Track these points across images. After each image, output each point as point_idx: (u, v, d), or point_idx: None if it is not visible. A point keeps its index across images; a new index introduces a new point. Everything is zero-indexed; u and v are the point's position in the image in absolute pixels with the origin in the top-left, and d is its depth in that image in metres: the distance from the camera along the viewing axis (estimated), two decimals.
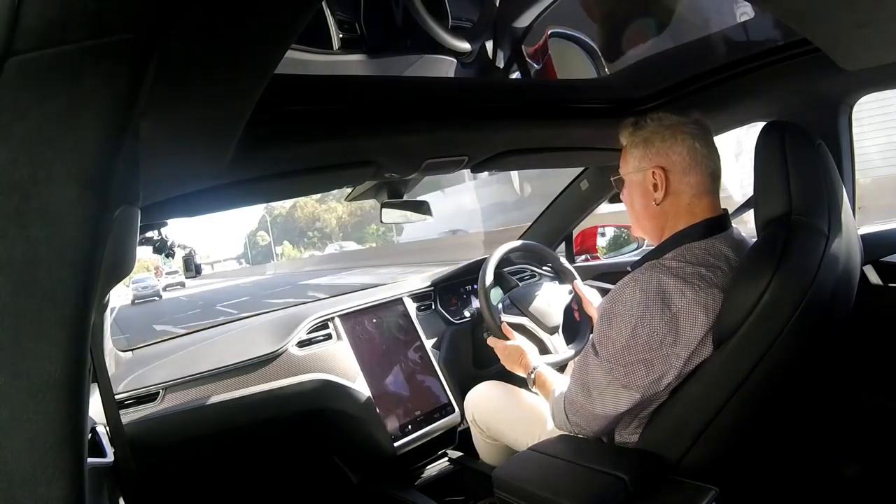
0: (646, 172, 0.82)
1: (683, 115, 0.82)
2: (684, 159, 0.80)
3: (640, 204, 0.85)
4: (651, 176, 0.81)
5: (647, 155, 0.82)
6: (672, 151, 0.80)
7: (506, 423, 1.14)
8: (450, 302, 1.60)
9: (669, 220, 0.82)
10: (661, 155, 0.81)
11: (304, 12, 0.43)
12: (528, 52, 0.96)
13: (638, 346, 0.74)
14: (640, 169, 0.83)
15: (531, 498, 0.74)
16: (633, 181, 0.85)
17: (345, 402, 1.28)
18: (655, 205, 0.82)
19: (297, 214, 40.31)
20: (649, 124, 0.82)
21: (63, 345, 0.32)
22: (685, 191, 0.81)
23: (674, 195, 0.81)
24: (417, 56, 0.87)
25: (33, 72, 0.30)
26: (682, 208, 0.81)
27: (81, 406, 0.34)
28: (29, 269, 0.31)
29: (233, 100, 0.51)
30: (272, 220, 42.87)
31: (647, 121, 0.83)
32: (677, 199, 0.81)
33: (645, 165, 0.82)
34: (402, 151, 0.96)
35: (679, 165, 0.80)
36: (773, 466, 0.81)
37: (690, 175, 0.80)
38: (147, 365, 1.21)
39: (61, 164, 0.31)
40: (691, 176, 0.80)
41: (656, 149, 0.81)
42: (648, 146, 0.81)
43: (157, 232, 1.00)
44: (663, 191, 0.81)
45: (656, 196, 0.81)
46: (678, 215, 0.81)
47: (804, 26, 0.69)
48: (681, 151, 0.80)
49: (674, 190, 0.80)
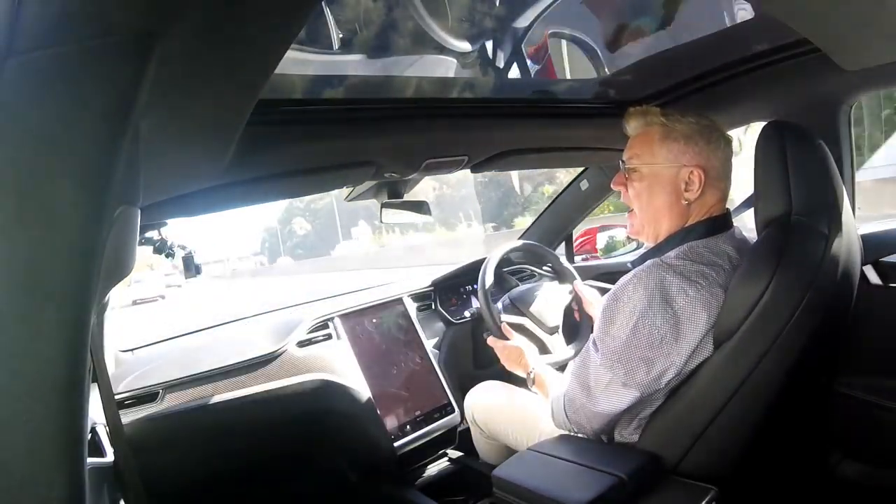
0: (681, 169, 0.79)
1: (707, 118, 0.81)
2: (722, 165, 0.80)
3: (662, 200, 0.81)
4: (687, 174, 0.78)
5: (687, 152, 0.79)
6: (714, 155, 0.79)
7: (506, 422, 1.13)
8: (450, 302, 1.60)
9: (689, 219, 0.81)
10: (703, 156, 0.79)
11: (304, 12, 0.43)
12: (528, 52, 0.96)
13: (639, 344, 0.74)
14: (674, 164, 0.79)
15: (531, 498, 0.74)
16: (661, 174, 0.80)
17: (345, 402, 1.28)
18: (685, 204, 0.79)
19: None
20: (689, 121, 0.80)
21: (63, 345, 0.32)
22: (715, 195, 0.80)
23: (702, 197, 0.79)
24: (417, 56, 0.87)
25: (33, 72, 0.30)
26: (704, 209, 0.80)
27: (81, 406, 0.34)
28: (29, 269, 0.31)
29: (233, 99, 0.52)
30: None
31: (679, 116, 0.80)
32: (703, 201, 0.80)
33: (683, 161, 0.79)
34: (402, 151, 0.96)
35: (716, 170, 0.79)
36: (772, 466, 0.81)
37: (723, 181, 0.81)
38: (147, 365, 1.21)
39: (61, 164, 0.31)
40: (724, 181, 0.81)
41: (699, 149, 0.79)
42: (691, 143, 0.79)
43: (157, 232, 1.00)
44: (698, 192, 0.79)
45: (687, 195, 0.79)
46: (697, 216, 0.81)
47: (804, 26, 0.69)
48: (720, 157, 0.80)
49: (704, 192, 0.79)
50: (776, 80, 0.95)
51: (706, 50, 0.92)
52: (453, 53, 0.87)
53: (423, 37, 0.80)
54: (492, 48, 0.94)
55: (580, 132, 1.12)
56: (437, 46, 0.82)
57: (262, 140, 0.72)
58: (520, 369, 1.11)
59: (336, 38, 0.79)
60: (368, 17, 0.82)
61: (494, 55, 0.94)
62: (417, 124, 0.88)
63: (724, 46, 0.91)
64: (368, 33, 0.82)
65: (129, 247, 0.47)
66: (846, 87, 0.95)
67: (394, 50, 0.86)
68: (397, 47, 0.86)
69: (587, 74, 1.02)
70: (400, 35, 0.86)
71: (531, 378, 1.06)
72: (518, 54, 0.96)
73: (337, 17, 0.78)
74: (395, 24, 0.85)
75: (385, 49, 0.85)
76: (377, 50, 0.84)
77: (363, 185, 1.14)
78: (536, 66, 1.00)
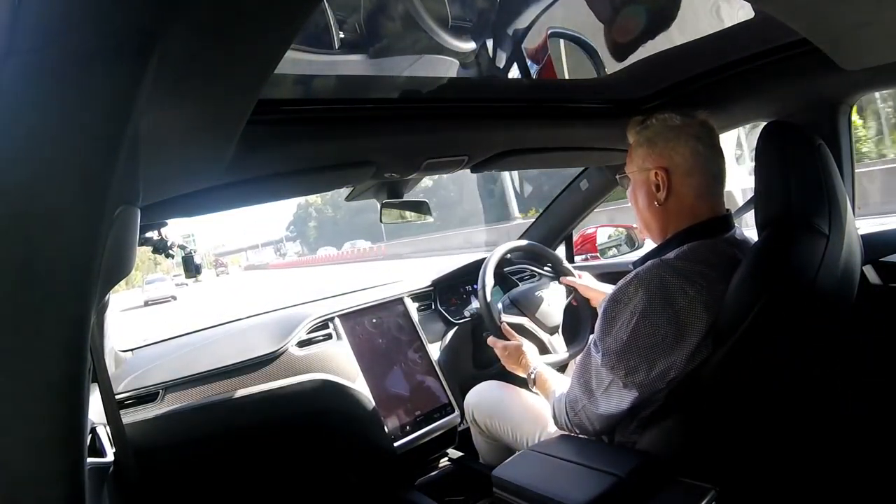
0: (649, 172, 0.83)
1: (689, 117, 0.83)
2: (687, 161, 0.81)
3: (643, 203, 0.86)
4: (654, 176, 0.82)
5: (650, 155, 0.82)
6: (675, 153, 0.81)
7: (506, 423, 1.13)
8: (450, 302, 1.60)
9: (672, 220, 0.83)
10: (664, 156, 0.81)
11: (304, 12, 0.43)
12: (528, 52, 0.96)
13: (640, 344, 0.74)
14: (643, 168, 0.84)
15: (531, 498, 0.74)
16: (638, 180, 0.86)
17: (345, 401, 1.28)
18: (658, 205, 0.83)
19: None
20: (655, 124, 0.83)
21: (63, 345, 0.32)
22: (687, 192, 0.81)
23: (676, 196, 0.81)
24: (417, 56, 0.87)
25: (33, 72, 0.30)
26: (685, 209, 0.81)
27: (81, 406, 0.34)
28: (29, 269, 0.31)
29: (233, 99, 0.51)
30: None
31: (653, 121, 0.84)
32: (679, 200, 0.81)
33: (648, 165, 0.83)
34: (402, 151, 0.96)
35: (681, 167, 0.81)
36: (772, 466, 0.81)
37: (693, 177, 0.81)
38: (147, 365, 1.21)
39: (61, 164, 0.31)
40: (693, 178, 0.81)
41: (659, 150, 0.82)
42: (652, 146, 0.82)
43: (157, 232, 1.00)
44: (665, 191, 0.81)
45: (658, 196, 0.82)
46: (681, 215, 0.82)
47: (804, 26, 0.69)
48: (683, 153, 0.81)
49: (676, 191, 0.81)
50: (776, 80, 0.95)
51: (706, 50, 0.92)
52: (453, 53, 0.87)
53: (424, 37, 0.80)
54: (492, 48, 0.94)
55: (580, 132, 1.12)
56: (437, 46, 0.82)
57: (262, 140, 0.72)
58: (520, 369, 1.11)
59: (336, 37, 0.79)
60: (369, 17, 0.82)
61: (494, 55, 0.94)
62: (417, 124, 0.88)
63: (724, 46, 0.91)
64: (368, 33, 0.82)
65: (129, 247, 0.47)
66: (846, 87, 0.95)
67: (394, 50, 0.86)
68: (397, 47, 0.86)
69: (587, 74, 1.02)
70: (400, 35, 0.86)
71: (532, 378, 1.06)
72: (518, 54, 0.96)
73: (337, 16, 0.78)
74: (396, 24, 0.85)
75: (385, 49, 0.85)
76: (377, 50, 0.84)
77: (363, 184, 1.14)
78: (536, 66, 1.00)
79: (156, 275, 18.58)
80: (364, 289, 1.59)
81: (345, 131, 0.81)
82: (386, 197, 1.20)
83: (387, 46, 0.85)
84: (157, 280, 17.72)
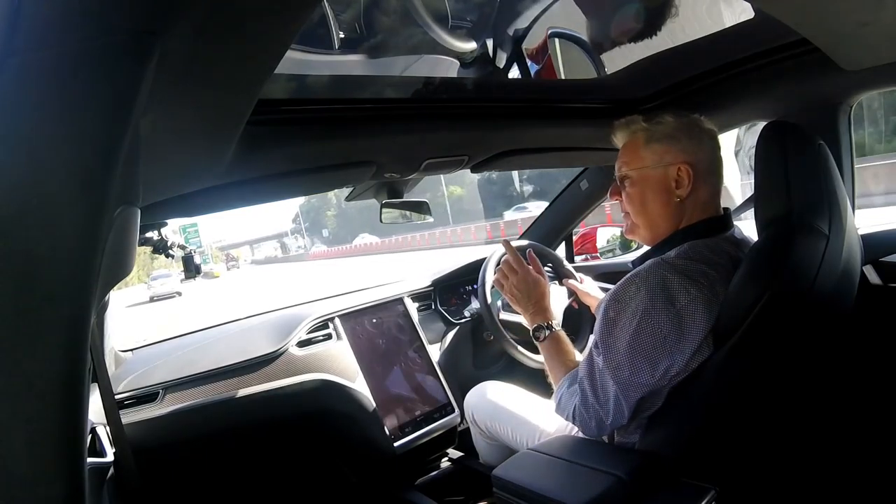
0: (668, 168, 0.80)
1: (698, 117, 0.83)
2: (709, 158, 0.81)
3: (656, 201, 0.82)
4: (675, 172, 0.79)
5: (671, 150, 0.80)
6: (700, 150, 0.80)
7: (506, 423, 1.13)
8: (450, 302, 1.60)
9: (685, 217, 0.81)
10: (688, 152, 0.80)
11: (305, 12, 0.43)
12: (528, 52, 0.96)
13: (643, 344, 0.73)
14: (661, 164, 0.80)
15: (531, 498, 0.74)
16: (650, 177, 0.82)
17: (345, 402, 1.28)
18: (678, 201, 0.80)
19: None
20: (670, 121, 0.81)
21: (63, 345, 0.32)
22: (706, 190, 0.81)
23: (695, 193, 0.80)
24: (417, 56, 0.87)
25: (33, 71, 0.30)
26: (699, 207, 0.81)
27: (81, 406, 0.34)
28: (29, 269, 0.31)
29: (233, 99, 0.51)
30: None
31: (663, 118, 0.82)
32: (696, 197, 0.80)
33: (669, 160, 0.80)
34: (402, 151, 0.96)
35: (704, 164, 0.80)
36: (772, 466, 0.81)
37: (714, 175, 0.81)
38: (147, 365, 1.21)
39: (61, 163, 0.31)
40: (714, 176, 0.81)
41: (682, 145, 0.80)
42: (673, 142, 0.80)
43: (156, 232, 1.00)
44: (689, 187, 0.79)
45: (679, 192, 0.80)
46: (693, 213, 0.81)
47: (804, 26, 0.69)
48: (707, 151, 0.81)
49: (696, 187, 0.80)
50: (776, 80, 0.95)
51: (706, 50, 0.92)
52: (453, 53, 0.87)
53: (424, 37, 0.80)
54: (492, 48, 0.94)
55: (580, 132, 1.12)
56: (437, 46, 0.82)
57: (262, 140, 0.72)
58: (530, 310, 0.98)
59: (336, 37, 0.79)
60: (369, 17, 0.82)
61: (494, 55, 0.94)
62: (417, 124, 0.88)
63: (723, 46, 0.91)
64: (368, 33, 0.82)
65: (129, 247, 0.47)
66: (846, 87, 0.95)
67: (394, 50, 0.86)
68: (397, 47, 0.86)
69: (587, 74, 1.02)
70: (400, 35, 0.86)
71: (546, 334, 0.95)
72: (518, 54, 0.96)
73: (337, 16, 0.78)
74: (396, 24, 0.85)
75: (385, 49, 0.85)
76: (377, 50, 0.84)
77: (363, 184, 1.14)
78: (536, 67, 1.00)
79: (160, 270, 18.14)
80: (364, 289, 1.59)
81: (345, 131, 0.81)
82: (386, 197, 1.20)
83: (387, 46, 0.85)
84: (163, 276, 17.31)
